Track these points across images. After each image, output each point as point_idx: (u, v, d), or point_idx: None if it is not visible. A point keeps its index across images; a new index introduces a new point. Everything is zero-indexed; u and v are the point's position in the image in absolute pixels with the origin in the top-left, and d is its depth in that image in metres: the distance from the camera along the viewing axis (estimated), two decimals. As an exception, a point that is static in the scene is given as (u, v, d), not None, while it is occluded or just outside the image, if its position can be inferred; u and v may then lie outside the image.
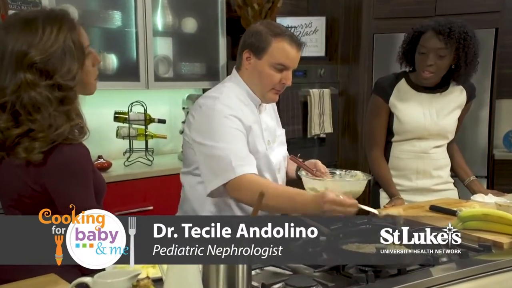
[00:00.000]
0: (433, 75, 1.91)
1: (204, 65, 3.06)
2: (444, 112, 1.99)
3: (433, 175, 2.01)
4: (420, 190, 2.01)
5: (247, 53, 1.58)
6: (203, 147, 1.52)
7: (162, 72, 2.87)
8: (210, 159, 1.50)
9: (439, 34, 1.86)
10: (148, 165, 2.68)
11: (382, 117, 2.01)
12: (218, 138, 1.48)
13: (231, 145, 1.48)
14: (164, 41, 2.89)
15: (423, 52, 1.90)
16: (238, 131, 1.52)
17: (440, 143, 2.01)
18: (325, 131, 3.50)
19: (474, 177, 2.08)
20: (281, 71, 1.57)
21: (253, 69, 1.59)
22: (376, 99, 2.02)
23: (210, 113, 1.53)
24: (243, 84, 1.62)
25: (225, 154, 1.46)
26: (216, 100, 1.54)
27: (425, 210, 1.73)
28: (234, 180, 1.45)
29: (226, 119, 1.51)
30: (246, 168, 1.46)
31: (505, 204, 1.63)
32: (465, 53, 1.86)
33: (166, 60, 2.90)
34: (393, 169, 2.03)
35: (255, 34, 1.57)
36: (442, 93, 2.00)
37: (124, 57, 2.69)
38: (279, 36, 1.55)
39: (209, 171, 1.50)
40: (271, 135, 1.69)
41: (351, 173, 1.65)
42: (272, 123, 1.72)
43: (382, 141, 2.04)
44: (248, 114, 1.58)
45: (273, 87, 1.60)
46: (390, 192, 1.98)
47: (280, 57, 1.55)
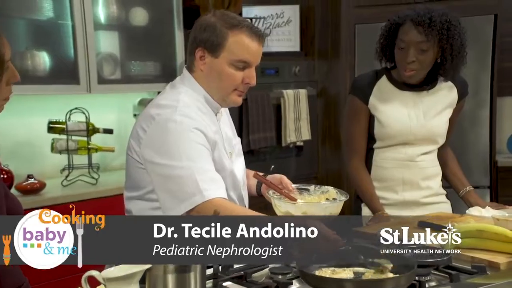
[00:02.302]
0: (416, 72, 1.93)
1: (158, 64, 3.04)
2: (432, 113, 2.01)
3: (421, 186, 2.02)
4: (407, 203, 2.02)
5: (201, 51, 1.56)
6: (160, 168, 1.47)
7: (107, 73, 2.84)
8: (170, 182, 1.46)
9: (418, 25, 1.88)
10: (92, 184, 2.64)
11: (362, 121, 2.02)
12: (179, 156, 1.45)
13: (196, 163, 1.44)
14: (108, 36, 2.86)
15: (402, 47, 1.92)
16: (203, 147, 1.49)
17: (428, 149, 2.03)
18: (302, 139, 3.51)
19: (470, 187, 2.11)
20: (243, 69, 1.56)
21: (210, 70, 1.57)
22: (354, 100, 2.03)
23: (167, 126, 1.48)
24: (199, 88, 1.60)
25: (189, 174, 1.43)
26: (174, 110, 1.51)
27: (413, 227, 1.73)
28: (201, 205, 1.42)
29: (188, 133, 1.48)
30: (215, 192, 1.43)
31: (503, 218, 1.65)
32: (450, 44, 1.88)
33: (112, 59, 2.87)
34: (376, 180, 2.04)
35: (208, 28, 1.55)
36: (429, 90, 2.02)
37: (58, 55, 2.66)
38: (236, 28, 1.53)
39: (170, 195, 1.46)
40: (230, 146, 1.68)
41: (322, 189, 1.65)
42: (229, 131, 1.71)
43: (363, 148, 2.05)
44: (209, 125, 1.57)
45: (235, 88, 1.58)
46: (373, 207, 1.99)
47: (240, 53, 1.53)
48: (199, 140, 1.49)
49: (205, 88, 1.60)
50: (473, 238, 1.47)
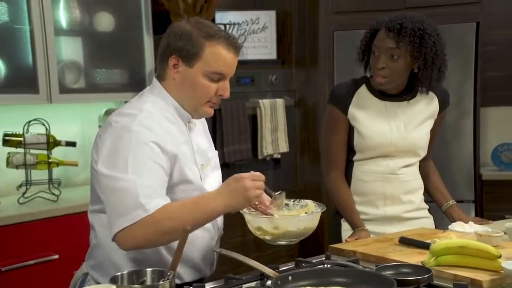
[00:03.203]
0: (389, 80, 1.97)
1: (125, 72, 3.03)
2: (413, 124, 2.05)
3: (403, 201, 2.05)
4: (388, 219, 2.04)
5: (174, 60, 1.57)
6: (108, 179, 1.47)
7: (70, 82, 2.82)
8: (115, 194, 1.46)
9: (389, 31, 1.93)
10: (52, 201, 2.61)
11: (341, 132, 2.04)
12: (126, 168, 1.44)
13: (142, 179, 1.45)
14: (71, 42, 2.84)
15: (375, 53, 1.98)
16: (156, 164, 1.49)
17: (410, 162, 2.06)
18: (280, 151, 3.53)
19: (453, 202, 2.14)
20: (218, 80, 1.57)
21: (183, 79, 1.58)
22: (332, 110, 2.06)
23: (123, 135, 1.49)
24: (168, 98, 1.61)
25: (133, 188, 1.43)
26: (134, 119, 1.51)
27: (393, 244, 1.76)
28: (145, 220, 1.42)
29: (142, 146, 1.47)
30: (157, 203, 1.43)
31: (486, 234, 1.69)
32: (424, 54, 1.93)
33: (75, 66, 2.85)
34: (356, 194, 2.06)
35: (184, 36, 1.55)
36: (410, 101, 2.06)
37: (15, 62, 2.62)
38: (213, 39, 1.55)
39: (111, 209, 1.47)
40: (204, 158, 1.68)
41: (301, 203, 1.67)
42: (204, 143, 1.71)
43: (342, 160, 2.07)
44: (175, 136, 1.57)
45: (209, 100, 1.60)
46: (353, 222, 2.00)
47: (216, 64, 1.55)
48: (152, 156, 1.48)
49: (176, 98, 1.61)
50: (455, 254, 1.50)
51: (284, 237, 1.55)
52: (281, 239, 1.56)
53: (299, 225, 1.54)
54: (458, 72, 3.35)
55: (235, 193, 1.46)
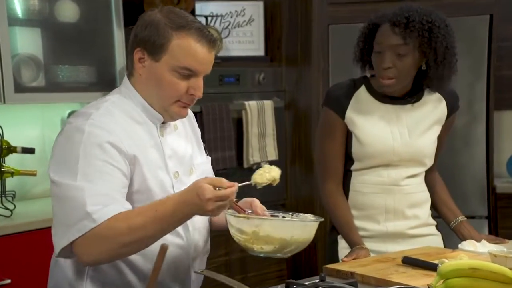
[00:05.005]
0: (394, 81, 1.98)
1: (93, 68, 3.03)
2: (418, 130, 2.06)
3: (407, 215, 2.05)
4: (390, 235, 2.04)
5: (140, 52, 1.58)
6: (56, 187, 1.49)
7: (27, 79, 2.81)
8: (61, 204, 1.48)
9: (395, 26, 1.93)
10: (5, 217, 2.58)
11: (337, 138, 2.05)
12: (75, 174, 1.46)
13: (92, 184, 1.45)
14: (28, 34, 2.82)
15: (378, 51, 1.97)
16: (111, 167, 1.49)
17: (415, 172, 2.07)
18: (268, 159, 3.53)
19: (463, 218, 2.15)
20: (188, 77, 1.58)
21: (149, 74, 1.59)
22: (328, 114, 2.06)
23: (74, 137, 1.50)
24: (137, 97, 1.62)
25: (80, 196, 1.44)
26: (86, 119, 1.52)
27: (396, 264, 1.76)
28: (94, 231, 1.42)
29: (96, 148, 1.48)
30: (107, 212, 1.43)
31: (501, 254, 1.69)
32: (434, 49, 1.94)
33: (34, 62, 2.84)
34: (355, 207, 2.07)
35: (150, 25, 1.57)
36: (414, 104, 2.07)
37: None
38: (183, 30, 1.56)
39: (59, 220, 1.48)
40: (182, 165, 1.68)
41: (300, 217, 1.66)
42: (185, 147, 1.72)
43: (339, 170, 2.07)
44: (139, 138, 1.58)
45: (178, 99, 1.60)
46: (351, 240, 2.00)
47: (184, 59, 1.56)
48: (107, 158, 1.49)
49: (144, 96, 1.62)
50: (466, 277, 1.49)
51: (267, 243, 1.52)
52: (263, 246, 1.52)
53: (286, 232, 1.51)
54: (469, 71, 3.38)
55: (194, 207, 1.44)
